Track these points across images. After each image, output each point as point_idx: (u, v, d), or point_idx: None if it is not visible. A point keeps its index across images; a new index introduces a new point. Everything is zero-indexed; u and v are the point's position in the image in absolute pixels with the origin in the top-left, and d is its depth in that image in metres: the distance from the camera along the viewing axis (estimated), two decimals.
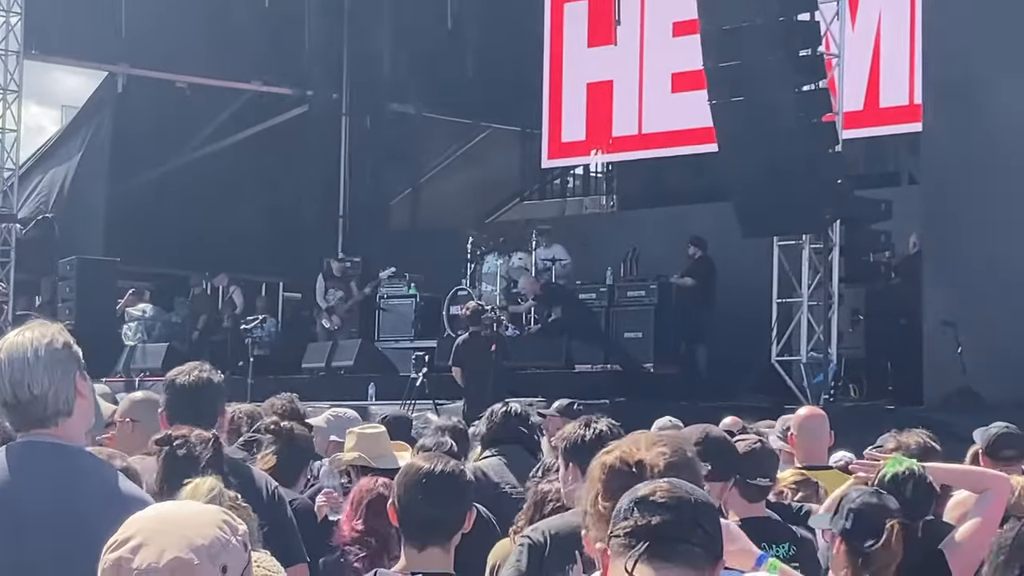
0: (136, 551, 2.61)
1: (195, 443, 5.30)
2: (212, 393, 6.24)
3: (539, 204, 30.13)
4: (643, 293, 21.16)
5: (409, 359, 20.61)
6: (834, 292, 18.59)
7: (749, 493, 6.50)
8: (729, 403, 16.79)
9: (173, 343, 25.11)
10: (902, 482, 5.95)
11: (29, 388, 4.08)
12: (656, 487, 3.19)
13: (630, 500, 3.19)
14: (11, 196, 26.96)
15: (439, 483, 4.90)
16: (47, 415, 4.10)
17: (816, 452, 8.28)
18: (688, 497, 3.18)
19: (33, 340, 4.12)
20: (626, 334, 20.87)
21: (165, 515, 2.73)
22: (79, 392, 4.15)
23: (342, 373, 22.57)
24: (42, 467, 4.06)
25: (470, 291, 22.83)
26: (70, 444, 4.13)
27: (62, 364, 4.11)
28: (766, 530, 6.52)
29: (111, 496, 4.02)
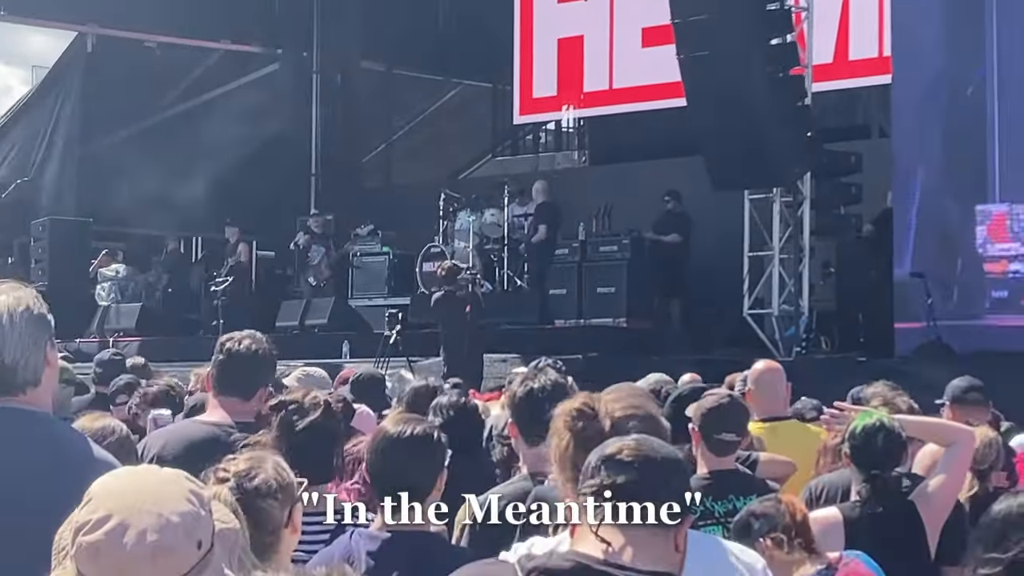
0: (113, 534, 2.53)
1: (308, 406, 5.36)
2: (255, 365, 6.27)
3: (511, 160, 30.11)
4: (615, 248, 21.18)
5: (383, 317, 20.61)
6: (805, 245, 18.64)
7: (716, 447, 6.58)
8: (702, 356, 16.92)
9: (146, 303, 25.09)
10: (873, 434, 6.04)
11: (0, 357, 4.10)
12: (623, 445, 3.21)
13: (598, 458, 3.21)
14: None
15: (406, 446, 4.94)
16: (15, 384, 4.06)
17: (774, 405, 8.36)
18: (655, 455, 3.21)
19: (8, 306, 4.05)
20: (599, 289, 20.91)
21: (135, 489, 2.63)
22: (48, 361, 4.14)
23: (316, 331, 22.59)
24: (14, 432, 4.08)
25: (443, 248, 22.83)
26: (39, 410, 4.14)
27: (35, 333, 4.06)
28: (734, 483, 6.60)
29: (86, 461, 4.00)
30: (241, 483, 4.11)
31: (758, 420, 8.14)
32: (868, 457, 6.07)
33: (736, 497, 6.54)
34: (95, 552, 2.53)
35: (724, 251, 19.73)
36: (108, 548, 2.53)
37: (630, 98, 24.65)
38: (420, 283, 22.72)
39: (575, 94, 25.64)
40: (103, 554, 2.53)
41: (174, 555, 2.56)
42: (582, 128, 28.82)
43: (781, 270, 18.70)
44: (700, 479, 6.54)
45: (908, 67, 18.44)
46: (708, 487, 6.49)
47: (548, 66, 25.95)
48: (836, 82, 21.74)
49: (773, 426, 8.11)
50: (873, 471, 6.03)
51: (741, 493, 6.56)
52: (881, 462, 6.05)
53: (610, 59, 24.94)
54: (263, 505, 4.09)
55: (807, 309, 18.53)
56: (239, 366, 6.21)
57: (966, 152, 17.59)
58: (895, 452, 6.11)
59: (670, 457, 3.25)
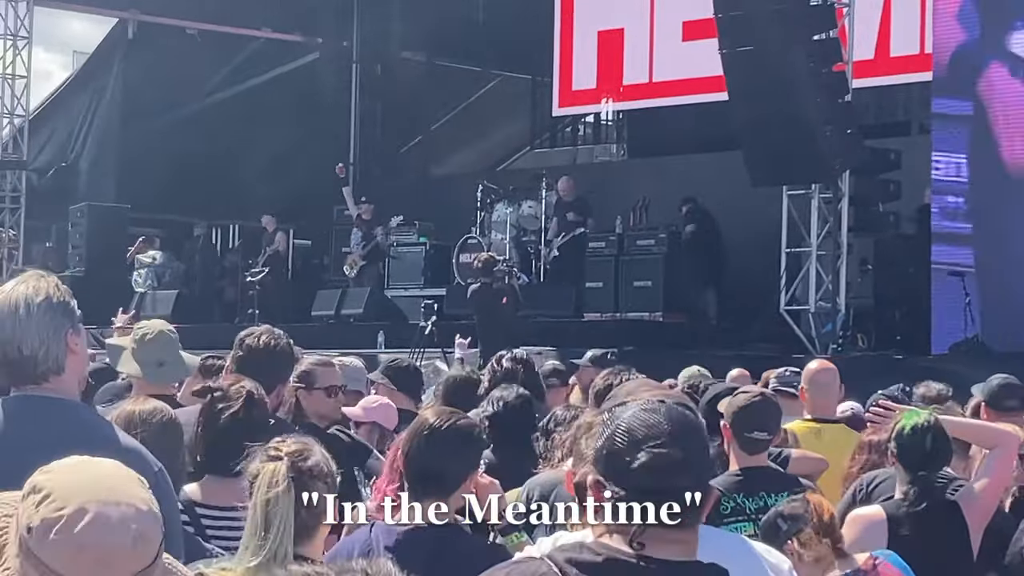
0: (94, 526, 2.47)
1: (232, 397, 5.35)
2: (274, 360, 6.30)
3: (549, 152, 30.06)
4: (653, 242, 21.12)
5: (418, 307, 20.59)
6: (843, 242, 18.56)
7: (746, 445, 6.53)
8: (738, 352, 16.87)
9: (183, 291, 25.16)
10: (921, 434, 5.99)
11: (19, 348, 4.04)
12: (655, 450, 3.14)
13: (627, 459, 3.16)
14: (21, 143, 27.01)
15: (441, 438, 4.91)
16: (37, 373, 4.07)
17: (825, 405, 8.31)
18: (684, 458, 3.14)
19: (26, 296, 4.06)
20: (635, 283, 20.85)
21: (96, 480, 2.57)
22: (71, 349, 4.12)
23: (351, 321, 22.59)
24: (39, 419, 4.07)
25: (480, 239, 22.81)
26: (65, 398, 4.13)
27: (54, 322, 4.06)
28: (766, 479, 6.56)
29: (110, 449, 3.99)
30: (295, 462, 4.13)
31: (807, 419, 8.10)
32: (915, 457, 6.02)
33: (768, 494, 6.50)
34: (78, 547, 2.47)
35: (761, 247, 19.65)
36: (92, 541, 2.48)
37: (670, 92, 24.57)
38: (456, 274, 22.70)
39: (614, 87, 25.56)
40: (87, 548, 2.47)
41: (152, 543, 2.53)
42: (621, 121, 28.73)
43: (819, 266, 18.62)
44: (731, 476, 6.50)
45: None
46: (739, 484, 6.45)
47: (588, 59, 25.88)
48: (877, 78, 21.60)
49: (820, 427, 8.07)
50: (920, 472, 5.98)
51: (773, 490, 6.52)
52: (928, 463, 6.01)
53: (650, 52, 24.85)
54: (314, 487, 4.11)
55: (844, 306, 18.45)
56: (257, 361, 6.22)
57: None
58: (942, 453, 6.08)
59: (697, 457, 3.17)
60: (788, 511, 5.22)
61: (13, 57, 26.88)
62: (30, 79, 27.15)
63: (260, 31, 28.78)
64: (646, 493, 3.09)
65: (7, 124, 27.10)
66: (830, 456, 7.56)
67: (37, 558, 2.48)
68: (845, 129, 17.97)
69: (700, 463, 3.14)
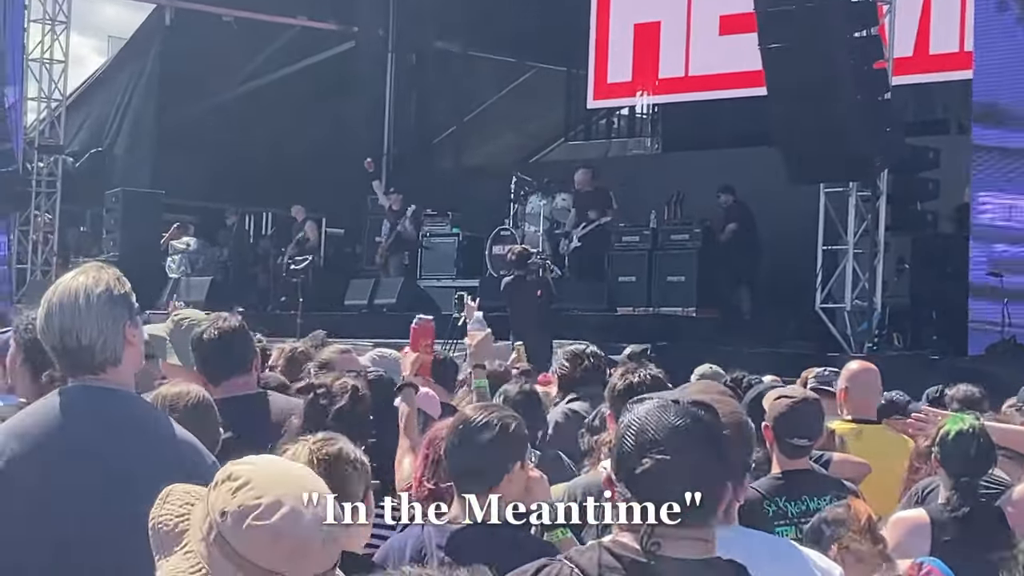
0: (290, 518, 2.54)
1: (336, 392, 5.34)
2: (238, 340, 6.36)
3: (583, 145, 30.03)
4: (687, 237, 21.06)
5: (450, 298, 20.57)
6: (880, 240, 18.50)
7: (788, 450, 6.49)
8: (772, 349, 16.82)
9: (217, 277, 25.21)
10: (967, 440, 5.95)
11: (77, 337, 4.08)
12: (657, 456, 3.13)
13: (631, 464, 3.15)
14: (58, 127, 27.10)
15: (478, 434, 4.90)
16: (94, 363, 4.11)
17: (866, 406, 8.26)
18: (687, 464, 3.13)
19: (86, 287, 4.10)
20: (669, 278, 20.81)
21: (289, 475, 2.66)
22: (128, 341, 4.15)
23: (384, 311, 22.60)
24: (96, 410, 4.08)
25: (513, 231, 22.78)
26: (121, 389, 4.15)
27: (112, 313, 4.10)
28: (808, 483, 6.52)
29: (166, 440, 4.06)
30: (322, 447, 4.15)
31: (847, 419, 8.05)
32: (959, 463, 5.99)
33: (810, 497, 6.47)
34: (276, 536, 2.54)
35: (798, 244, 19.58)
36: (288, 532, 2.55)
37: (706, 86, 24.51)
38: (489, 266, 22.69)
39: (650, 80, 25.52)
40: (284, 537, 2.55)
41: (337, 546, 2.62)
42: (656, 115, 28.68)
43: (855, 264, 18.55)
44: (773, 479, 6.47)
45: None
46: (781, 487, 6.41)
47: (624, 51, 25.83)
48: (916, 76, 21.50)
49: (860, 428, 8.02)
50: (963, 478, 5.94)
51: (815, 494, 6.48)
52: (972, 469, 5.97)
53: (687, 46, 24.79)
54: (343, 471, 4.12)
55: (880, 305, 18.38)
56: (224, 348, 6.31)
57: None
58: (986, 459, 6.04)
59: (701, 460, 3.16)
60: (832, 516, 5.20)
61: (51, 42, 26.97)
62: (68, 64, 27.23)
63: (296, 19, 28.81)
64: (648, 497, 3.10)
65: (44, 108, 27.18)
66: (869, 457, 7.51)
67: (229, 544, 2.55)
68: (884, 127, 17.89)
69: (705, 468, 3.13)
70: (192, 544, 2.60)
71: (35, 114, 27.38)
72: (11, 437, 4.08)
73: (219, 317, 6.48)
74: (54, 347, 4.14)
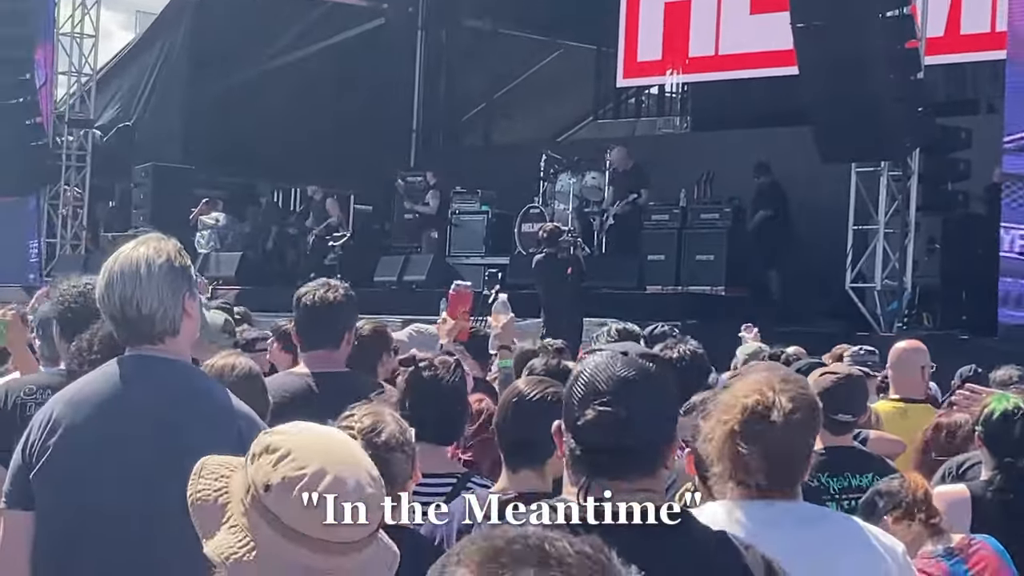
0: (335, 487, 2.54)
1: (439, 367, 5.36)
2: (336, 313, 6.27)
3: (613, 123, 29.99)
4: (716, 216, 21.05)
5: (480, 275, 20.59)
6: (911, 220, 18.45)
7: (832, 427, 6.51)
8: (801, 328, 16.80)
9: (247, 252, 25.26)
10: (1010, 420, 5.92)
11: (138, 306, 4.11)
12: (600, 408, 3.14)
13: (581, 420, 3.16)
14: (88, 102, 27.16)
15: (531, 407, 4.92)
16: (153, 333, 4.14)
17: (911, 385, 8.27)
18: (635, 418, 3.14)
19: (148, 257, 4.13)
20: (698, 256, 20.79)
21: (331, 444, 2.65)
22: (187, 312, 4.18)
23: (414, 288, 22.62)
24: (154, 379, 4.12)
25: (543, 209, 22.78)
26: (179, 359, 4.18)
27: (173, 284, 4.13)
28: (850, 459, 6.54)
29: (222, 410, 4.09)
30: (370, 439, 4.11)
31: (893, 398, 8.07)
32: (1003, 443, 5.94)
33: (852, 474, 6.49)
34: (323, 504, 2.53)
35: (828, 223, 19.55)
36: (335, 501, 2.54)
37: (736, 65, 24.44)
38: (519, 243, 22.69)
39: (680, 59, 25.46)
40: (332, 507, 2.54)
41: (380, 511, 2.60)
42: (685, 94, 28.62)
43: (886, 244, 18.52)
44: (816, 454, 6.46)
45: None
46: (823, 463, 6.40)
47: (654, 30, 25.78)
48: (947, 56, 21.43)
49: (905, 407, 8.04)
50: (1006, 458, 5.92)
51: (857, 470, 6.50)
52: (1016, 449, 5.94)
53: (717, 24, 24.73)
54: (393, 459, 4.12)
55: (910, 285, 18.35)
56: (320, 318, 6.23)
57: None
58: None
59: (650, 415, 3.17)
60: (885, 488, 5.21)
61: (82, 16, 27.03)
62: (98, 38, 27.30)
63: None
64: (593, 449, 3.12)
65: (74, 83, 27.25)
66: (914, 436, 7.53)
67: (276, 516, 2.53)
68: (916, 107, 17.85)
69: (649, 420, 3.14)
70: (235, 518, 2.59)
71: (65, 88, 27.44)
72: (69, 405, 4.12)
73: (324, 284, 6.38)
74: (113, 316, 4.17)
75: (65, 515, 4.03)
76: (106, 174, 27.21)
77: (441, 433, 5.25)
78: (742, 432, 3.69)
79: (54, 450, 4.04)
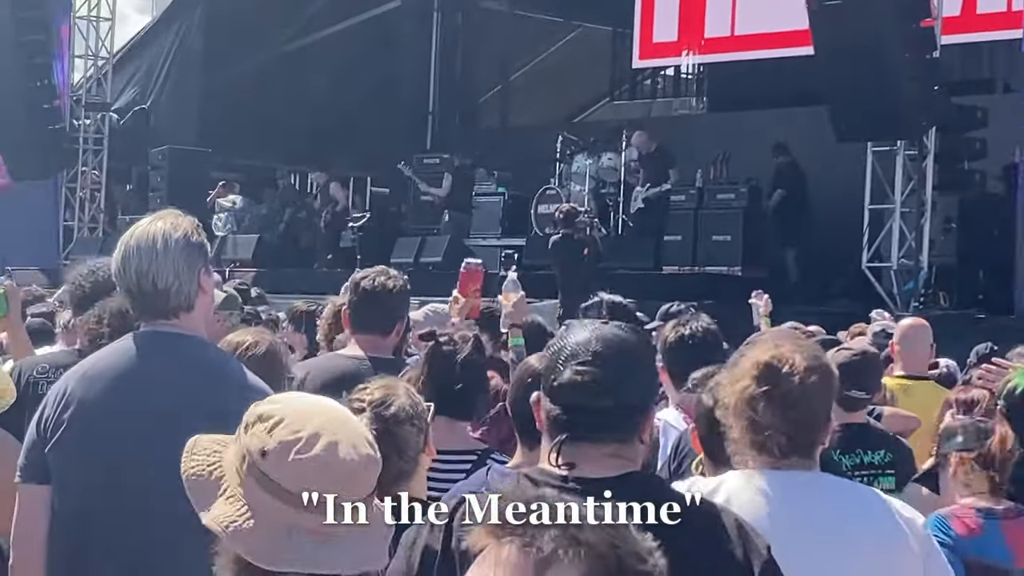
0: (331, 449, 2.58)
1: (458, 341, 5.38)
2: (392, 301, 6.31)
3: (629, 104, 29.96)
4: (732, 196, 21.02)
5: (496, 257, 20.59)
6: (927, 199, 18.42)
7: (845, 403, 6.51)
8: (818, 308, 16.79)
9: (264, 235, 25.29)
10: None
11: (153, 280, 4.13)
12: (577, 367, 3.17)
13: (553, 382, 3.20)
14: (105, 85, 27.20)
15: None
16: (168, 308, 4.16)
17: (917, 362, 8.29)
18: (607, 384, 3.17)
19: (164, 231, 4.15)
20: (714, 237, 20.78)
21: (321, 409, 2.70)
22: (202, 288, 4.21)
23: (431, 269, 22.62)
24: (169, 354, 4.14)
25: (559, 190, 22.78)
26: (194, 335, 4.20)
27: (189, 260, 4.16)
28: (864, 437, 6.56)
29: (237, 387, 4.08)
30: (379, 412, 4.11)
31: (898, 375, 8.08)
32: None
33: (864, 451, 6.50)
34: (321, 466, 2.58)
35: (844, 203, 19.52)
36: (331, 463, 2.59)
37: (752, 45, 24.39)
38: (535, 225, 22.69)
39: (696, 40, 25.42)
40: (328, 469, 2.58)
41: (375, 465, 2.66)
42: (701, 74, 28.58)
43: (902, 224, 18.50)
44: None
45: None
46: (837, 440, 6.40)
47: (669, 11, 25.75)
48: (963, 35, 21.37)
49: (909, 384, 8.06)
50: None
51: (870, 447, 6.52)
52: None
53: (732, 5, 24.69)
54: (402, 432, 4.11)
55: (927, 264, 18.32)
56: (376, 303, 6.25)
57: None
58: None
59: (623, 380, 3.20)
60: (974, 427, 5.15)
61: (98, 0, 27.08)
62: (114, 21, 27.34)
63: None
64: (570, 410, 3.15)
65: (91, 66, 27.29)
66: (919, 413, 7.54)
67: (272, 481, 2.58)
68: (932, 86, 17.81)
69: (625, 384, 3.17)
70: (231, 488, 2.64)
71: (82, 72, 27.49)
72: (83, 380, 4.14)
73: (383, 272, 6.43)
74: (129, 289, 4.19)
75: (80, 489, 4.06)
76: (123, 157, 27.23)
77: (459, 408, 5.25)
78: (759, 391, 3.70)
79: (68, 424, 4.07)
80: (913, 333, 8.43)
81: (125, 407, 4.05)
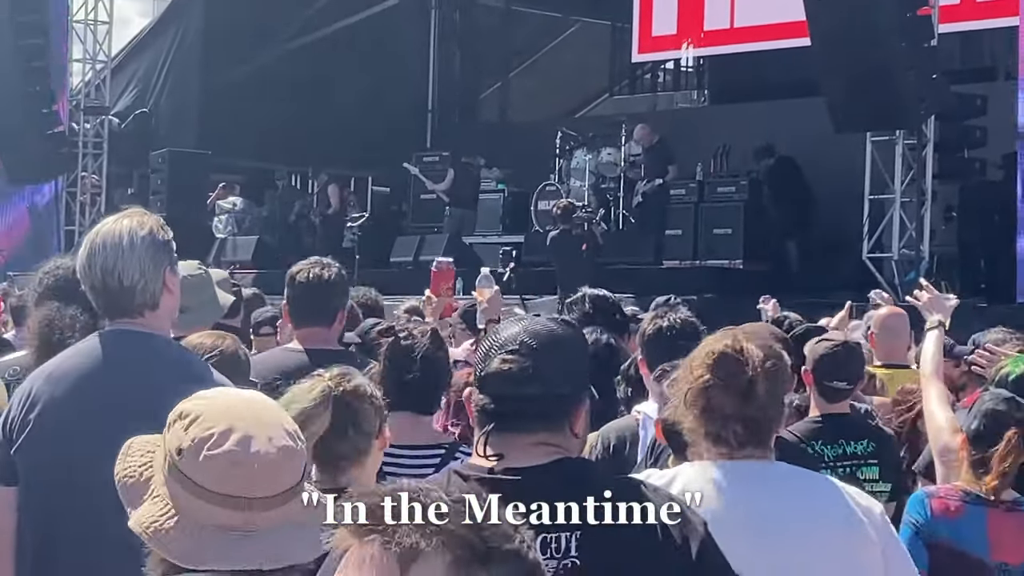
0: (244, 444, 2.55)
1: (417, 336, 5.33)
2: (330, 291, 6.23)
3: (629, 99, 29.92)
4: (733, 189, 20.98)
5: (497, 254, 20.58)
6: (927, 188, 18.37)
7: (827, 394, 6.47)
8: (819, 300, 16.72)
9: (263, 236, 25.27)
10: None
11: (119, 278, 4.10)
12: (505, 356, 3.16)
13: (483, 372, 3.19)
14: (104, 89, 27.17)
15: None
16: (134, 306, 4.13)
17: (895, 351, 8.25)
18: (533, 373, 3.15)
19: (130, 229, 4.12)
20: (715, 230, 20.73)
21: (238, 404, 2.66)
22: (167, 287, 4.17)
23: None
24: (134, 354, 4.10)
25: (559, 186, 22.74)
26: (158, 334, 4.16)
27: (155, 258, 4.12)
28: (846, 427, 6.51)
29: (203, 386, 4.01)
30: (339, 383, 4.08)
31: (877, 365, 8.03)
32: None
33: (847, 442, 6.46)
34: (232, 461, 2.55)
35: (844, 193, 19.47)
36: (243, 457, 2.56)
37: (751, 37, 24.34)
38: (535, 221, 22.66)
39: (695, 32, 25.36)
40: (240, 463, 2.55)
41: (297, 457, 2.62)
42: (701, 67, 28.54)
43: (902, 213, 18.44)
44: (811, 422, 6.47)
45: None
46: (819, 431, 6.41)
47: (668, 4, 25.69)
48: (962, 23, 21.30)
49: (891, 373, 8.01)
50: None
51: (852, 437, 6.47)
52: None
53: None
54: (359, 407, 4.08)
55: (928, 253, 18.27)
56: (313, 295, 6.19)
57: None
58: None
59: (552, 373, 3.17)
60: (1013, 410, 5.00)
61: (95, 3, 27.03)
62: (112, 25, 27.29)
63: None
64: (497, 399, 3.13)
65: (89, 70, 27.26)
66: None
67: (189, 479, 2.56)
68: (930, 74, 17.73)
69: (552, 373, 3.15)
70: (157, 489, 2.62)
71: (80, 76, 27.44)
72: (48, 380, 4.11)
73: (317, 263, 6.35)
74: (94, 286, 4.16)
75: (47, 489, 4.03)
76: (123, 161, 27.19)
77: (421, 402, 5.19)
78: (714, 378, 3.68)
79: (34, 425, 4.05)
80: (891, 323, 8.39)
81: (91, 407, 4.02)
